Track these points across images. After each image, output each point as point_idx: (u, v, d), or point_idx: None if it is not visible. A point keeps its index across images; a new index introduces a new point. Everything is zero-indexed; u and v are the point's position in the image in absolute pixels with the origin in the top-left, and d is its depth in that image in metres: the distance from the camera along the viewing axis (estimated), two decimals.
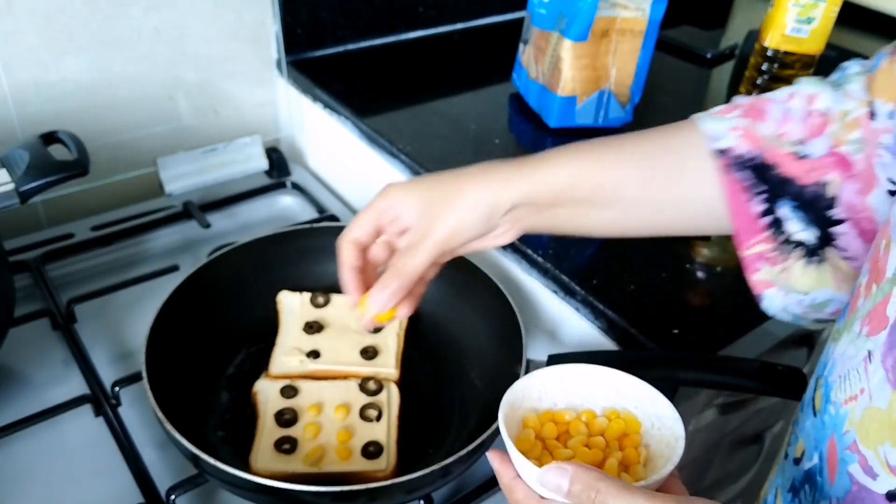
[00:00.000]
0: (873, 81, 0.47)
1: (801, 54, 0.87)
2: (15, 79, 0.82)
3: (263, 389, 0.64)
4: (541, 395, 0.49)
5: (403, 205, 0.52)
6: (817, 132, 0.49)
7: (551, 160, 0.52)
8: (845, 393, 0.38)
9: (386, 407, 0.63)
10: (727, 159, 0.50)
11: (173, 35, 0.90)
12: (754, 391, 0.58)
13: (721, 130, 0.51)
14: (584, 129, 0.90)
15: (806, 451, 0.42)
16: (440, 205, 0.51)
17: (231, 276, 0.70)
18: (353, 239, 0.54)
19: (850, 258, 0.49)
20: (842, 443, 0.38)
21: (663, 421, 0.46)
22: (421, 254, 0.51)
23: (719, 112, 0.53)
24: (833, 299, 0.50)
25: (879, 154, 0.46)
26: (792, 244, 0.50)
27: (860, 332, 0.38)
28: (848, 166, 0.47)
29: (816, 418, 0.41)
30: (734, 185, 0.50)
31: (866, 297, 0.39)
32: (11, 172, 0.66)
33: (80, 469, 0.61)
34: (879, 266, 0.38)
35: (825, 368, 0.41)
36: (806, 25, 0.85)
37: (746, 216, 0.50)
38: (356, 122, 0.90)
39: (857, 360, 0.37)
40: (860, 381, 0.37)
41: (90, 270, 0.83)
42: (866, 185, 0.47)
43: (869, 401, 0.36)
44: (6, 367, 0.70)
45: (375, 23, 1.05)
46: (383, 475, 0.57)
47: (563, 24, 0.84)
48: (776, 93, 0.52)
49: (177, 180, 0.90)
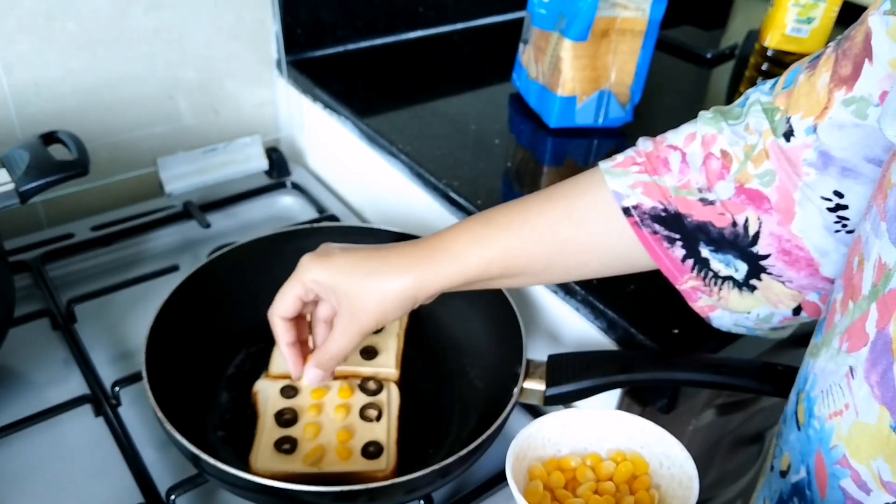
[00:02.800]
0: (791, 97, 0.47)
1: (801, 54, 0.87)
2: (15, 79, 0.82)
3: (263, 389, 0.64)
4: (544, 443, 0.49)
5: (326, 289, 0.54)
6: (719, 176, 0.49)
7: (461, 249, 0.53)
8: (829, 408, 0.38)
9: (386, 407, 0.63)
10: (637, 216, 0.51)
11: (173, 35, 0.90)
12: (754, 391, 0.58)
13: (624, 188, 0.52)
14: (583, 129, 0.90)
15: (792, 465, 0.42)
16: (362, 294, 0.53)
17: (231, 276, 0.70)
18: (282, 316, 0.57)
19: (787, 281, 0.50)
20: (830, 457, 0.38)
21: (672, 460, 0.46)
22: (347, 340, 0.55)
23: (621, 164, 0.53)
24: (775, 313, 0.52)
25: (805, 173, 0.46)
26: (721, 279, 0.51)
27: (840, 349, 0.38)
28: (762, 201, 0.48)
29: (801, 432, 0.41)
30: (650, 238, 0.51)
31: (843, 313, 0.39)
32: (11, 172, 0.66)
33: (80, 469, 0.61)
34: (854, 283, 0.38)
35: (806, 383, 0.41)
36: (806, 25, 0.85)
37: (670, 261, 0.52)
38: (356, 122, 0.90)
39: (839, 375, 0.38)
40: (843, 396, 0.37)
41: (90, 270, 0.83)
42: (785, 216, 0.47)
43: (856, 416, 0.36)
44: (6, 367, 0.70)
45: (375, 23, 1.05)
46: (383, 475, 0.57)
47: (563, 24, 0.84)
48: (677, 134, 0.52)
49: (177, 180, 0.90)
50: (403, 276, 0.53)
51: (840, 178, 0.45)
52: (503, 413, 0.56)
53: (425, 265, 0.53)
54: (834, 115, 0.43)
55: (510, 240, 0.53)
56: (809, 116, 0.45)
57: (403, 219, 0.88)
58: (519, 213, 0.54)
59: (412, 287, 0.52)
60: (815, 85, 0.45)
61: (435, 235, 0.55)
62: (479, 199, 0.76)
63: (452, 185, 0.79)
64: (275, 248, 0.73)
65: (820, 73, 0.45)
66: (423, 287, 0.53)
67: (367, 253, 0.54)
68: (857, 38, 0.43)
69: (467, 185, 0.79)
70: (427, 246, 0.54)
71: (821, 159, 0.45)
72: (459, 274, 0.53)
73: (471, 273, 0.53)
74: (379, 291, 0.53)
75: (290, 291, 0.56)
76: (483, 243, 0.53)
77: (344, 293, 0.53)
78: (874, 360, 0.35)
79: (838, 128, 0.44)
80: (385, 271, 0.53)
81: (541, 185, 0.81)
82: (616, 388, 0.59)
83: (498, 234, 0.54)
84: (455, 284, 0.54)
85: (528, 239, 0.53)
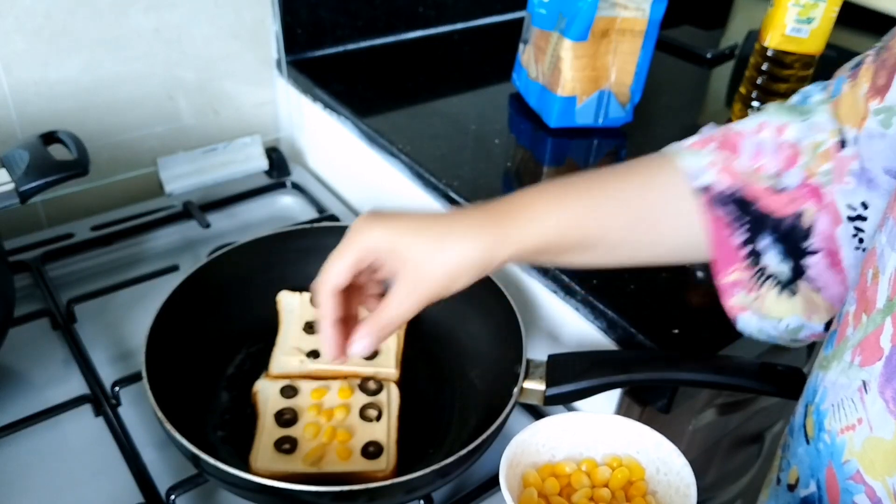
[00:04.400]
0: (838, 108, 0.47)
1: (801, 54, 0.87)
2: (15, 79, 0.82)
3: (263, 389, 0.64)
4: (539, 449, 0.48)
5: (388, 252, 0.49)
6: (790, 163, 0.49)
7: (540, 211, 0.50)
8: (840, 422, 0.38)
9: (386, 407, 0.63)
10: (709, 196, 0.50)
11: (173, 35, 0.90)
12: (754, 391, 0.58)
13: (700, 166, 0.50)
14: (584, 128, 0.90)
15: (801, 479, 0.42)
16: (430, 260, 0.48)
17: (231, 276, 0.70)
18: (335, 286, 0.50)
19: (821, 288, 0.49)
20: (842, 472, 0.38)
21: (669, 466, 0.45)
22: (407, 308, 0.50)
23: (694, 145, 0.52)
24: (805, 326, 0.51)
25: (847, 182, 0.46)
26: (766, 276, 0.50)
27: (852, 362, 0.38)
28: (820, 197, 0.48)
29: (810, 446, 0.41)
30: (717, 221, 0.50)
31: (856, 326, 0.38)
32: (11, 172, 0.66)
33: (80, 469, 0.61)
34: (868, 296, 0.38)
35: (815, 396, 0.41)
36: (806, 25, 0.85)
37: (727, 248, 0.51)
38: (356, 121, 0.90)
39: (851, 389, 0.37)
40: (856, 411, 0.37)
41: (90, 270, 0.83)
42: (835, 219, 0.47)
43: (869, 431, 0.36)
44: (6, 367, 0.70)
45: (375, 23, 1.05)
46: (383, 475, 0.57)
47: (563, 23, 0.84)
48: (745, 123, 0.51)
49: (177, 180, 0.90)
50: (475, 240, 0.48)
51: (867, 189, 0.44)
52: (503, 413, 0.56)
53: (498, 229, 0.49)
54: (868, 125, 0.43)
55: (588, 206, 0.50)
56: (854, 127, 0.45)
57: None
58: (597, 180, 0.51)
59: (484, 252, 0.48)
60: (857, 95, 0.45)
61: (505, 199, 0.51)
62: (479, 199, 0.76)
63: (452, 185, 0.79)
64: (275, 248, 0.73)
65: (861, 83, 0.45)
66: (496, 253, 0.49)
67: (431, 216, 0.50)
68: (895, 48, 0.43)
69: (467, 185, 0.79)
70: (499, 209, 0.50)
71: (860, 170, 0.45)
72: (535, 238, 0.49)
73: (543, 240, 0.50)
74: (448, 257, 0.48)
75: (344, 258, 0.49)
76: (562, 206, 0.50)
77: (409, 257, 0.48)
78: (889, 374, 0.35)
79: (869, 137, 0.43)
80: (454, 235, 0.49)
81: None
82: (616, 388, 0.59)
83: (577, 198, 0.50)
84: (529, 250, 0.50)
85: (606, 208, 0.50)
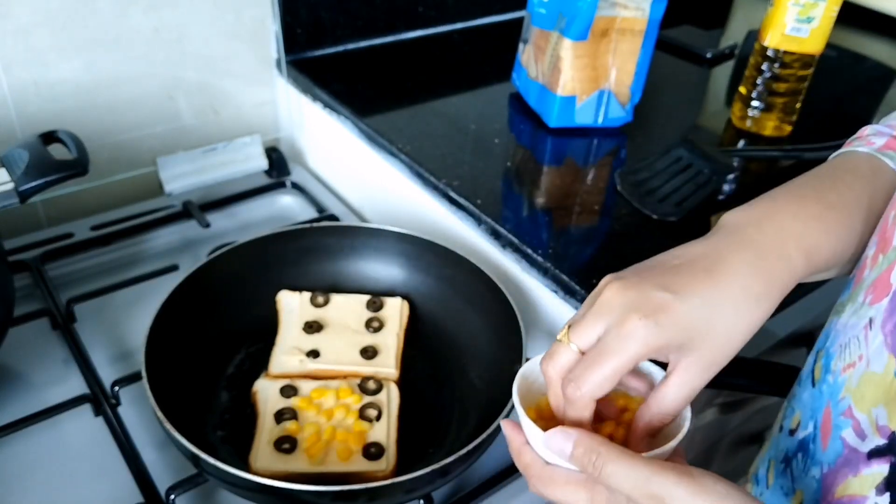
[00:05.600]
0: None
1: (801, 54, 0.87)
2: (15, 79, 0.82)
3: (263, 389, 0.64)
4: None
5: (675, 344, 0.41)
6: None
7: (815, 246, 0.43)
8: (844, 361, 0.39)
9: (386, 407, 0.63)
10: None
11: (173, 35, 0.90)
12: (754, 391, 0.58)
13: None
14: (583, 128, 0.90)
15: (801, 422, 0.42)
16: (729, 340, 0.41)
17: (231, 275, 0.70)
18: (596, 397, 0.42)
19: None
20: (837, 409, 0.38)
21: None
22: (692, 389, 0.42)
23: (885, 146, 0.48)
24: None
25: None
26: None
27: (864, 302, 0.38)
28: None
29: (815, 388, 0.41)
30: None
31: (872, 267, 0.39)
32: (11, 172, 0.66)
33: (80, 469, 0.61)
34: (887, 236, 0.38)
35: (827, 340, 0.42)
36: (806, 25, 0.85)
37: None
38: (356, 121, 0.90)
39: (859, 328, 0.38)
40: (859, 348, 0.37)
41: (90, 270, 0.83)
42: None
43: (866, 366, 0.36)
44: (6, 366, 0.70)
45: (375, 23, 1.05)
46: (383, 475, 0.57)
47: (563, 23, 0.84)
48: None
49: (176, 180, 0.90)
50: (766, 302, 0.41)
51: None
52: (503, 413, 0.56)
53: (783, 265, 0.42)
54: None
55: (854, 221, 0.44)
56: None
57: (403, 218, 0.88)
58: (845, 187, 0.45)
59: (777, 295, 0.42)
60: None
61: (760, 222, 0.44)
62: (479, 199, 0.76)
63: (452, 184, 0.79)
64: (275, 248, 0.73)
65: None
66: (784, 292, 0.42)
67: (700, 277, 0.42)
68: None
69: (467, 185, 0.79)
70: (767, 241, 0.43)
71: None
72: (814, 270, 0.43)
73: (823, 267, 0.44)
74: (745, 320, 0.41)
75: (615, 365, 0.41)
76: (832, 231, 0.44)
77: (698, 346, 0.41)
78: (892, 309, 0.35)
79: None
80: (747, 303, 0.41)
81: (541, 185, 0.81)
82: None
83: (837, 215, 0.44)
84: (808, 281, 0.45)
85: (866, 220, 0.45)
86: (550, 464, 0.43)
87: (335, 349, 0.68)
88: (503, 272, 0.76)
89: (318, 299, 0.72)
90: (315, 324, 0.70)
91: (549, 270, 0.70)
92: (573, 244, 0.73)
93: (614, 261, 0.72)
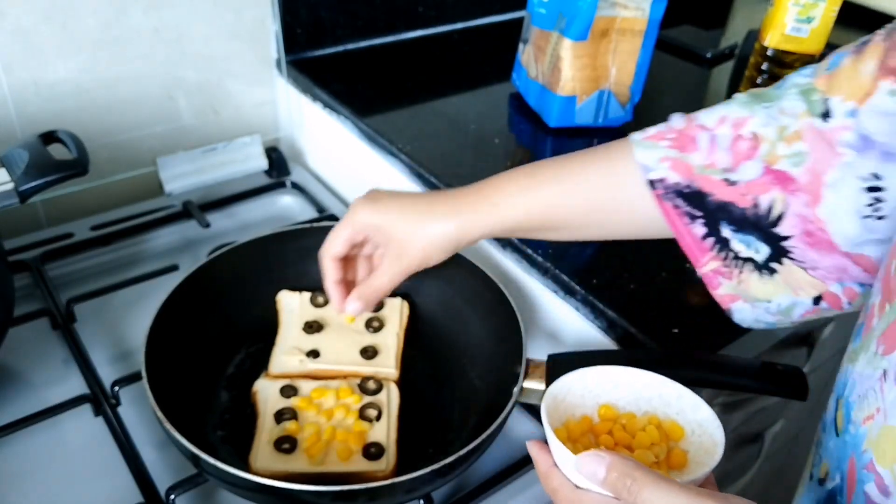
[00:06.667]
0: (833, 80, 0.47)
1: (801, 54, 0.87)
2: (15, 79, 0.82)
3: (263, 389, 0.64)
4: (584, 394, 0.49)
5: (375, 230, 0.59)
6: (747, 156, 0.50)
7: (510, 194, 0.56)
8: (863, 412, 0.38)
9: (386, 406, 0.63)
10: (661, 189, 0.52)
11: (173, 35, 0.90)
12: (754, 391, 0.58)
13: (652, 161, 0.53)
14: (583, 128, 0.90)
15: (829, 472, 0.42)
16: (411, 237, 0.57)
17: (231, 275, 0.70)
18: (333, 255, 0.61)
19: (809, 268, 0.49)
20: (860, 462, 0.38)
21: (704, 428, 0.46)
22: (390, 278, 0.59)
23: (653, 136, 0.54)
24: (796, 303, 0.51)
25: (842, 153, 0.46)
26: (741, 260, 0.51)
27: (876, 352, 0.38)
28: (789, 181, 0.48)
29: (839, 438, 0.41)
30: (672, 212, 0.52)
31: (880, 317, 0.39)
32: (11, 172, 0.66)
33: (80, 469, 0.61)
34: (892, 286, 0.38)
35: (845, 388, 0.41)
36: (806, 25, 0.85)
37: (691, 238, 0.53)
38: (356, 121, 0.90)
39: (874, 379, 0.38)
40: (876, 399, 0.37)
41: (90, 270, 0.83)
42: (813, 198, 0.47)
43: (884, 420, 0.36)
44: (6, 366, 0.70)
45: (375, 23, 1.05)
46: (383, 475, 0.57)
47: (563, 23, 0.84)
48: (709, 115, 0.53)
49: (176, 180, 0.90)
50: (448, 221, 0.56)
51: (881, 161, 0.45)
52: (503, 413, 0.56)
53: (469, 212, 0.56)
54: (878, 102, 0.44)
55: (554, 192, 0.56)
56: (851, 100, 0.45)
57: None
58: (563, 167, 0.56)
59: (455, 232, 0.56)
60: (860, 70, 0.45)
61: (481, 183, 0.58)
62: None
63: (452, 184, 0.78)
64: (274, 248, 0.73)
65: (866, 59, 0.45)
66: (466, 233, 0.56)
67: (415, 198, 0.58)
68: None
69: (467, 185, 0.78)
70: (472, 193, 0.57)
71: (860, 142, 0.45)
72: (501, 222, 0.56)
73: (512, 222, 0.56)
74: (425, 235, 0.57)
75: (341, 233, 0.60)
76: (528, 194, 0.56)
77: (392, 235, 0.57)
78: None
79: (883, 115, 0.44)
80: (432, 216, 0.57)
81: None
82: None
83: (543, 185, 0.56)
84: (496, 232, 0.57)
85: (570, 193, 0.55)
86: (581, 488, 0.41)
87: (335, 349, 0.68)
88: (503, 272, 0.76)
89: (318, 299, 0.72)
90: (315, 324, 0.70)
91: (549, 270, 0.70)
92: (573, 244, 0.73)
93: (615, 261, 0.72)
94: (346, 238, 0.60)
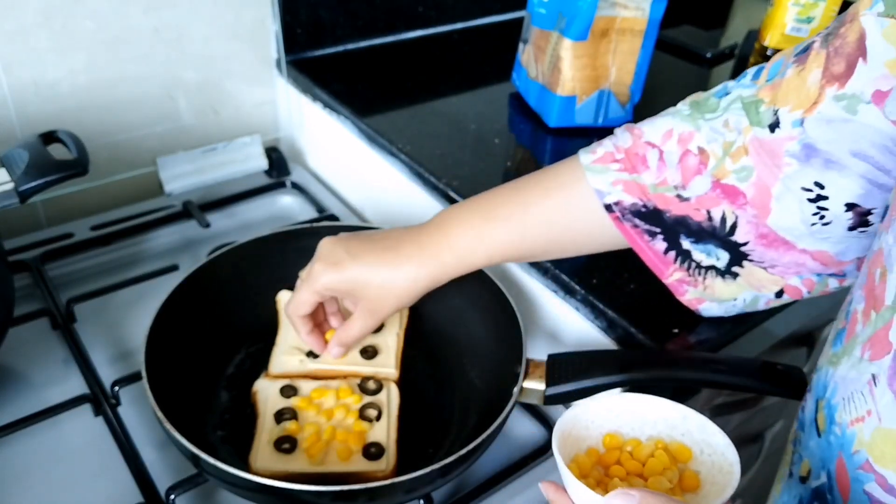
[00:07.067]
0: (777, 90, 0.48)
1: None
2: (15, 79, 0.82)
3: (263, 389, 0.64)
4: (588, 425, 0.49)
5: (341, 293, 0.61)
6: (696, 171, 0.51)
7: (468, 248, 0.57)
8: (850, 415, 0.39)
9: (386, 407, 0.63)
10: (618, 211, 0.54)
11: (173, 35, 0.90)
12: (754, 391, 0.58)
13: (605, 185, 0.54)
14: (583, 128, 0.90)
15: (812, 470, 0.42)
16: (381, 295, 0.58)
17: (231, 275, 0.70)
18: (301, 315, 0.62)
19: (769, 266, 0.51)
20: (852, 462, 0.38)
21: (714, 447, 0.46)
22: (365, 325, 0.62)
23: (601, 159, 0.55)
24: (759, 296, 0.54)
25: (787, 163, 0.47)
26: (704, 268, 0.53)
27: (862, 357, 0.39)
28: (737, 196, 0.49)
29: (821, 438, 0.41)
30: (632, 231, 0.54)
31: (864, 323, 0.39)
32: (11, 172, 0.66)
33: (80, 469, 0.61)
34: (877, 294, 0.39)
35: (826, 391, 0.42)
36: (806, 25, 0.85)
37: (653, 253, 0.55)
38: (356, 121, 0.90)
39: (861, 383, 0.38)
40: (866, 403, 0.38)
41: (90, 270, 0.83)
42: (762, 211, 0.49)
43: (878, 422, 0.37)
44: (6, 366, 0.70)
45: (375, 23, 1.05)
46: (383, 475, 0.57)
47: (563, 23, 0.84)
48: (654, 129, 0.54)
49: (176, 180, 0.90)
50: (416, 271, 0.57)
51: (822, 169, 0.46)
52: (503, 413, 0.56)
53: (434, 262, 0.58)
54: (823, 110, 0.45)
55: (512, 234, 0.57)
56: (798, 109, 0.46)
57: (403, 218, 0.88)
58: (518, 204, 0.57)
59: (424, 281, 0.58)
60: (806, 80, 0.46)
61: (437, 227, 0.58)
62: None
63: (452, 184, 0.79)
64: (274, 248, 0.73)
65: (810, 68, 0.46)
66: (434, 281, 0.58)
67: (377, 252, 0.58)
68: (850, 37, 0.44)
69: (467, 185, 0.79)
70: (432, 241, 0.58)
71: (804, 151, 0.46)
72: (467, 268, 0.59)
73: (477, 265, 0.59)
74: (395, 289, 0.58)
75: (305, 297, 0.60)
76: (487, 240, 0.57)
77: (363, 295, 0.59)
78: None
79: (826, 122, 0.45)
80: (398, 270, 0.58)
81: None
82: (616, 387, 0.59)
83: (499, 228, 0.57)
84: (463, 273, 0.59)
85: (528, 232, 0.57)
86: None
87: None
88: (503, 272, 0.76)
89: None
90: None
91: (549, 270, 0.70)
92: None
93: (615, 261, 0.72)
94: (311, 302, 0.61)
